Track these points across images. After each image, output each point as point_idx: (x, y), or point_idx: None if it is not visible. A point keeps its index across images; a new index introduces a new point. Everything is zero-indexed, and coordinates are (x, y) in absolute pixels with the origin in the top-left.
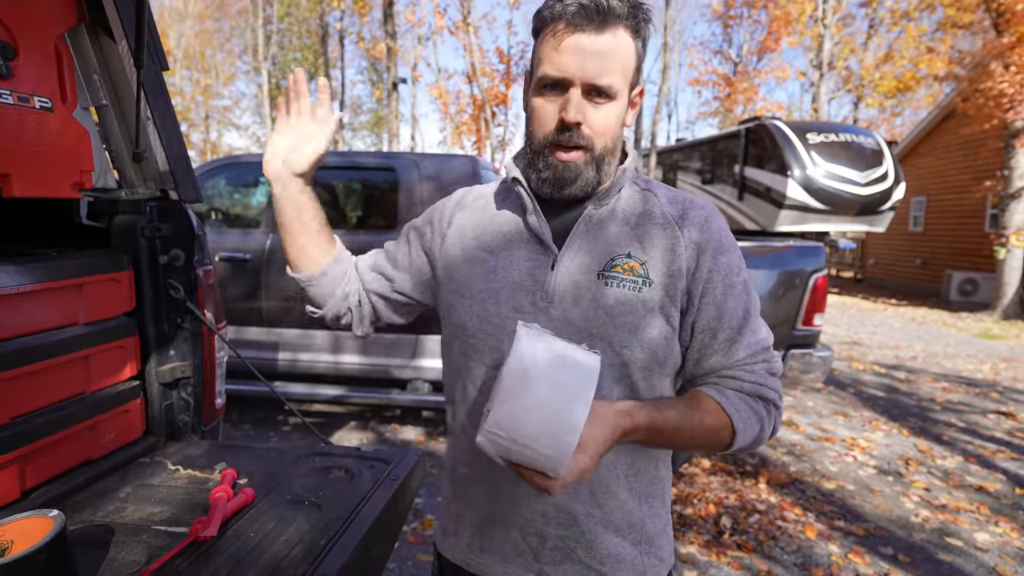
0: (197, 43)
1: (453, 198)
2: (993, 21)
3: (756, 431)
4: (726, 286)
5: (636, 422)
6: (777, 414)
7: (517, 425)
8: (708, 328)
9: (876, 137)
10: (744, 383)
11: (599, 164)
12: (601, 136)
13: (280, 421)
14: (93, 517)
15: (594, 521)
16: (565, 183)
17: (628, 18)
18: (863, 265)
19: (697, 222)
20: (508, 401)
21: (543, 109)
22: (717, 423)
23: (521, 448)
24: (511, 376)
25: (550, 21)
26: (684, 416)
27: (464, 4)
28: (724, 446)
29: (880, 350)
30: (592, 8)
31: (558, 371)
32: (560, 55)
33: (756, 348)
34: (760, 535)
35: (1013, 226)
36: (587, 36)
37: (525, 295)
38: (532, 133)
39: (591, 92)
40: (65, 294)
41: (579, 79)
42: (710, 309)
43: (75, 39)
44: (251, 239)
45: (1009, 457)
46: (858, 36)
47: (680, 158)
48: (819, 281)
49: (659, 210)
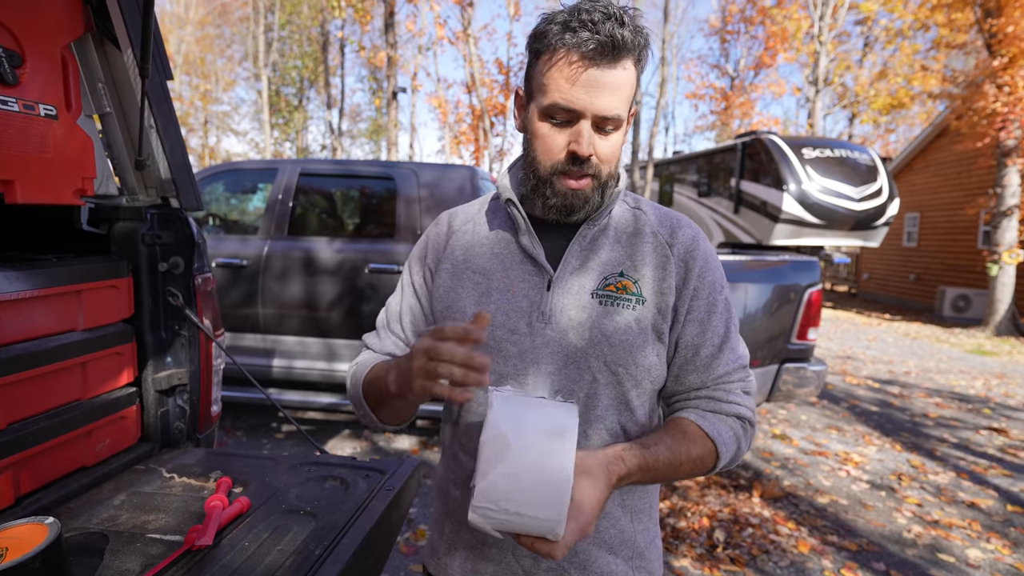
0: (198, 49)
1: (442, 226)
2: (986, 42)
3: (734, 451)
4: (710, 304)
5: (629, 467)
6: (752, 431)
7: (504, 494)
8: (691, 344)
9: (871, 153)
10: (723, 403)
11: (604, 189)
12: (607, 163)
13: (274, 428)
14: (88, 524)
15: (587, 540)
16: (574, 210)
17: (635, 48)
18: (857, 280)
19: (685, 241)
20: (490, 471)
21: (551, 137)
22: (703, 450)
23: (515, 517)
24: (489, 444)
25: (560, 49)
26: (672, 451)
27: (465, 15)
28: (707, 470)
29: (874, 365)
30: (608, 44)
31: (535, 430)
32: (574, 88)
33: (734, 365)
34: (753, 549)
35: (1005, 243)
36: (601, 71)
37: (521, 316)
38: (538, 160)
39: (600, 123)
40: (64, 300)
41: (591, 112)
42: (694, 326)
43: (81, 48)
44: (248, 245)
45: (1001, 473)
46: (853, 53)
47: (677, 170)
48: (814, 295)
49: (649, 229)
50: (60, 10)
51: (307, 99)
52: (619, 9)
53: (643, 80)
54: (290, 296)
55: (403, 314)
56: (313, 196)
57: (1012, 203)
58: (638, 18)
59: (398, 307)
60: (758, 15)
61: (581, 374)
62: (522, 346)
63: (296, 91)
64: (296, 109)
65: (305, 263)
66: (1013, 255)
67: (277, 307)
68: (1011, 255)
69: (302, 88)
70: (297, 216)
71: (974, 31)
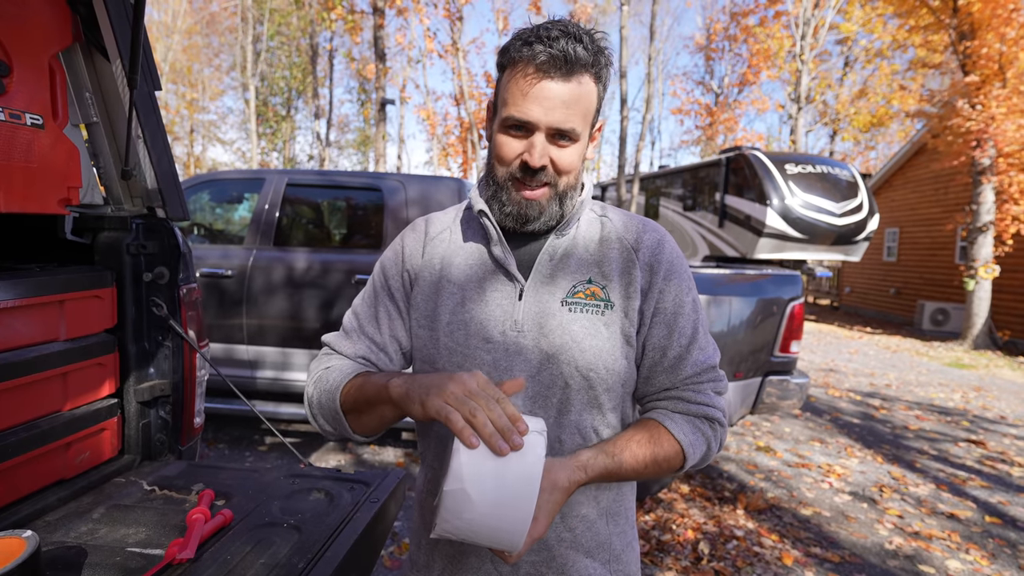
0: (185, 58)
1: (418, 231)
2: (960, 62)
3: (703, 451)
4: (676, 305)
5: (590, 475)
6: (723, 431)
7: (464, 535)
8: (658, 346)
9: (851, 170)
10: (691, 404)
11: (562, 199)
12: (565, 174)
13: (256, 440)
14: (66, 538)
15: (565, 545)
16: (529, 219)
17: (592, 65)
18: (839, 293)
19: (650, 245)
20: (452, 520)
21: (507, 145)
22: (669, 451)
23: (475, 544)
24: (451, 497)
25: (519, 63)
26: (636, 456)
27: (454, 28)
28: (675, 470)
29: (856, 377)
30: (561, 57)
31: (499, 476)
32: (527, 101)
33: (703, 366)
34: (738, 561)
35: (981, 259)
36: (554, 83)
37: (494, 325)
38: (494, 167)
39: (555, 135)
40: (46, 310)
41: (544, 124)
42: (660, 328)
43: (69, 58)
44: (233, 255)
45: (979, 485)
46: (834, 72)
47: (663, 184)
48: (796, 309)
49: (615, 235)
50: (48, 20)
51: (295, 109)
52: (579, 29)
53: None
54: (275, 307)
55: (379, 318)
56: (300, 207)
57: (987, 219)
58: (601, 40)
59: (371, 310)
60: (742, 33)
61: (554, 380)
62: (496, 354)
63: (284, 101)
64: (284, 119)
65: (291, 274)
66: (989, 270)
67: (262, 318)
68: (987, 270)
69: (290, 98)
70: (283, 226)
71: (949, 52)
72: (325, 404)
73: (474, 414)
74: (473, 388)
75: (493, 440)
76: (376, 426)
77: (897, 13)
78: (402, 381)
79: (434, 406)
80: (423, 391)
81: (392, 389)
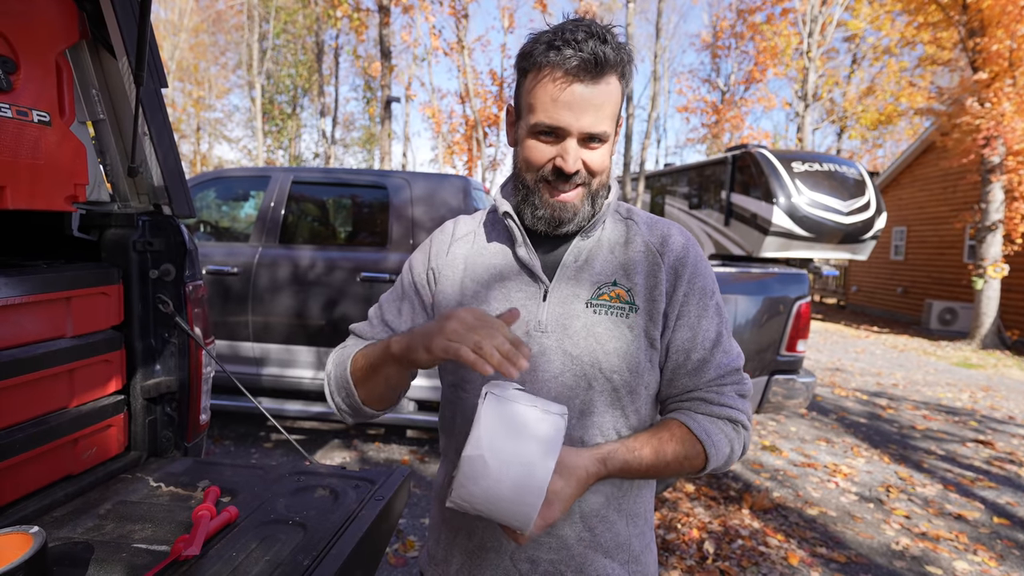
0: (191, 56)
1: (446, 232)
2: (970, 60)
3: (727, 453)
4: (700, 308)
5: (609, 470)
6: (746, 434)
7: (479, 504)
8: (682, 349)
9: (859, 168)
10: (714, 406)
11: (594, 199)
12: (597, 175)
13: (262, 437)
14: (73, 534)
15: (584, 544)
16: (562, 222)
17: (618, 64)
18: (846, 292)
19: (675, 249)
20: (468, 485)
21: (537, 150)
22: (690, 451)
23: (488, 517)
24: (469, 463)
25: (545, 67)
26: (658, 453)
27: (459, 26)
28: (697, 471)
29: (862, 377)
30: (591, 60)
31: (515, 458)
32: (557, 107)
33: (726, 368)
34: (743, 560)
35: (990, 257)
36: (584, 87)
37: (519, 325)
38: (525, 171)
39: (586, 139)
40: (53, 307)
41: (576, 129)
42: (684, 331)
43: (76, 55)
44: (238, 253)
45: (987, 486)
46: (842, 70)
47: (668, 183)
48: (802, 308)
49: (641, 238)
50: (55, 17)
51: (301, 107)
52: (601, 28)
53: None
54: (281, 304)
55: (402, 310)
56: (305, 204)
57: (996, 218)
58: (620, 36)
59: (396, 302)
60: (748, 31)
61: (577, 381)
62: None
63: (290, 99)
64: (290, 117)
65: (296, 271)
66: (998, 269)
67: (267, 315)
68: (996, 269)
69: (296, 96)
70: (289, 224)
71: (958, 49)
72: (338, 376)
73: (480, 345)
74: (472, 321)
75: (503, 366)
76: (382, 391)
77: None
78: (401, 336)
79: (439, 345)
80: (424, 338)
81: (393, 345)
